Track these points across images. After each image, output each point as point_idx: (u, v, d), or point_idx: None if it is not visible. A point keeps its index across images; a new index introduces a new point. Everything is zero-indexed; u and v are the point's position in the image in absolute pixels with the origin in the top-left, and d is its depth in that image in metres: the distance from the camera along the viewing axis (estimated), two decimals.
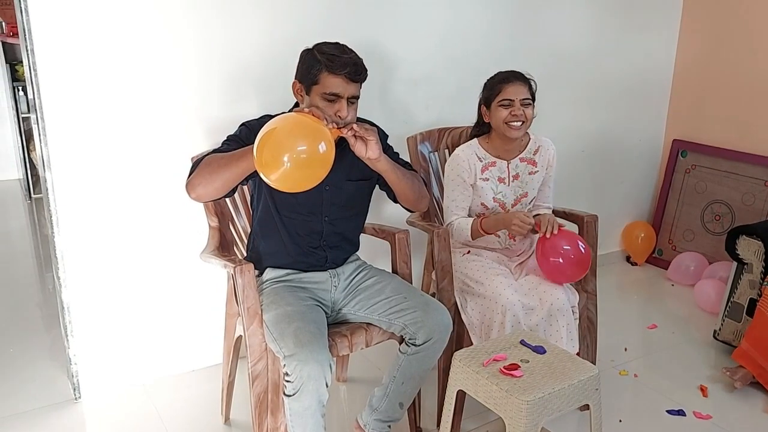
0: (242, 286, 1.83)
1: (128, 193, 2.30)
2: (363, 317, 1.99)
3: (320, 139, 1.60)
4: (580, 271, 2.12)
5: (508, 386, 1.65)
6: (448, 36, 2.82)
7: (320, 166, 1.61)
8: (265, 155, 1.57)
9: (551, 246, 2.09)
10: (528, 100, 2.18)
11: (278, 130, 1.59)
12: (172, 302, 2.47)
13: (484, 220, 2.20)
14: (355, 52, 1.87)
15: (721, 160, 3.46)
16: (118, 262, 2.33)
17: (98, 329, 2.35)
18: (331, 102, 1.81)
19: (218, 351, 2.52)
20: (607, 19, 3.27)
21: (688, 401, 2.40)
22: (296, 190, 1.66)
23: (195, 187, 1.78)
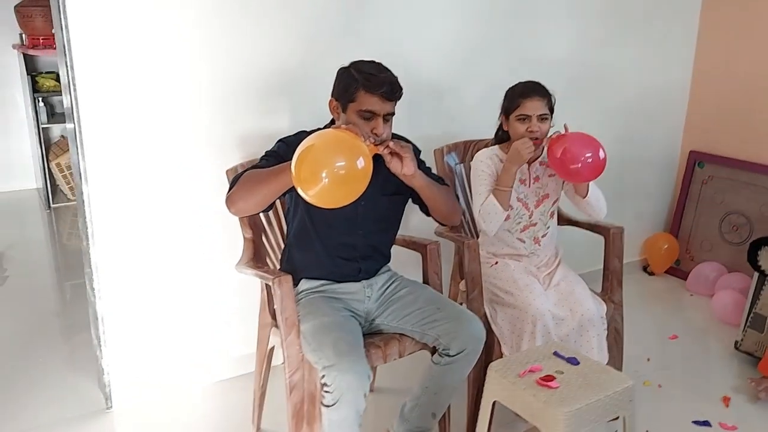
0: (280, 297, 1.86)
1: (161, 205, 2.33)
2: (396, 327, 2.02)
3: (358, 154, 1.62)
4: (596, 173, 2.17)
5: (545, 397, 1.67)
6: (469, 48, 2.86)
7: (358, 181, 1.63)
8: (304, 171, 1.59)
9: (572, 154, 2.13)
10: (545, 116, 2.21)
11: (317, 146, 1.62)
12: (204, 312, 2.50)
13: (497, 179, 2.23)
14: (390, 71, 1.90)
15: (739, 170, 3.48)
16: (151, 273, 2.37)
17: (130, 339, 2.38)
18: (367, 120, 1.85)
19: (249, 360, 2.56)
20: (626, 33, 3.31)
21: (713, 412, 2.42)
22: (334, 206, 1.68)
23: (235, 202, 1.83)
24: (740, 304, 3.10)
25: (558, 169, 2.18)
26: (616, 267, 2.36)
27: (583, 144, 2.15)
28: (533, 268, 2.31)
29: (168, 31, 2.21)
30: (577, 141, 2.15)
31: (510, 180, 2.18)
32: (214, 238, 2.44)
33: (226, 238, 2.35)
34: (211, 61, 2.31)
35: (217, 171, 2.29)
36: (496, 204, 2.18)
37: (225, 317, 2.55)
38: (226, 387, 2.57)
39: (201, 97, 2.32)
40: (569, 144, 2.13)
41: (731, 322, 3.11)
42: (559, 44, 3.11)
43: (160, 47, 2.21)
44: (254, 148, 2.39)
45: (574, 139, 2.16)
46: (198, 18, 2.25)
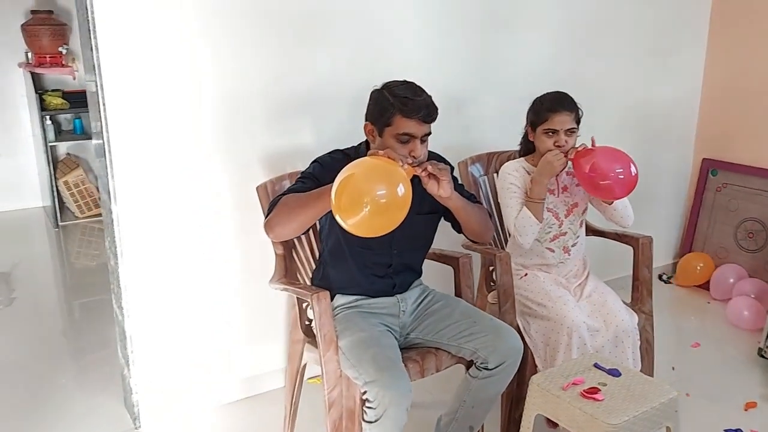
0: (319, 314, 1.85)
1: (187, 222, 2.32)
2: (431, 342, 2.01)
3: (398, 181, 1.62)
4: (628, 189, 2.14)
5: (592, 410, 1.67)
6: (483, 59, 2.87)
7: (399, 209, 1.63)
8: (344, 200, 1.59)
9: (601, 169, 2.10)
10: (573, 130, 2.22)
11: (357, 174, 1.62)
12: (231, 329, 2.49)
13: (528, 192, 2.22)
14: (425, 92, 1.90)
15: (753, 178, 3.50)
16: (177, 290, 2.35)
17: (158, 358, 2.36)
18: (404, 143, 1.84)
19: (277, 376, 2.55)
20: (637, 46, 3.33)
21: (743, 420, 2.41)
22: (374, 235, 1.67)
23: (273, 227, 1.83)
24: (755, 310, 3.11)
25: (587, 185, 2.17)
26: (646, 277, 2.36)
27: (613, 159, 2.12)
28: (563, 279, 2.30)
29: (196, 51, 2.20)
30: (607, 155, 2.12)
31: (543, 191, 2.18)
32: (241, 255, 2.43)
33: (254, 255, 2.35)
34: (236, 79, 2.30)
35: (242, 188, 2.30)
36: (531, 216, 2.18)
37: (252, 333, 2.53)
38: (255, 403, 2.55)
39: (225, 114, 2.31)
40: (598, 159, 2.10)
41: (747, 327, 3.12)
42: (572, 57, 3.12)
43: (184, 66, 2.20)
44: (280, 164, 2.39)
45: (602, 154, 2.13)
46: (225, 34, 2.25)
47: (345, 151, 1.99)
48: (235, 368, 2.54)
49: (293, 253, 2.17)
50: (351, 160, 1.91)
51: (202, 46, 2.22)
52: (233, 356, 2.52)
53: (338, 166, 1.85)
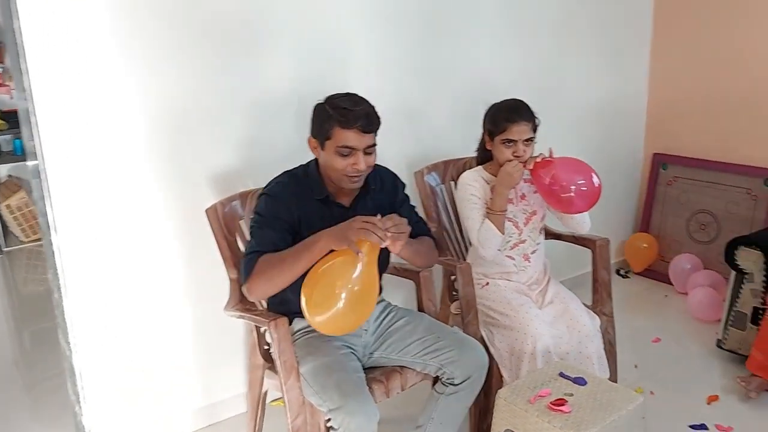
0: (278, 341, 1.79)
1: (136, 250, 2.22)
2: (396, 360, 1.96)
3: (371, 282, 1.72)
4: (591, 201, 2.14)
5: (560, 423, 1.65)
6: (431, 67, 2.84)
7: (368, 303, 1.73)
8: (314, 300, 1.65)
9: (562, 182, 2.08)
10: (531, 139, 2.20)
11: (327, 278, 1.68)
12: (187, 357, 2.39)
13: (489, 205, 2.20)
14: (366, 102, 1.85)
15: (702, 170, 3.57)
16: (128, 322, 2.25)
17: (111, 393, 2.25)
18: (345, 156, 1.80)
19: (239, 401, 2.47)
20: (581, 45, 3.35)
21: (707, 415, 2.44)
22: (341, 333, 1.77)
23: (255, 292, 1.81)
24: (714, 301, 3.16)
25: (549, 198, 2.15)
26: (605, 278, 2.36)
27: (574, 170, 2.10)
28: (524, 287, 2.29)
29: (129, 67, 2.10)
30: (567, 167, 2.10)
31: (504, 203, 2.17)
32: (194, 279, 2.34)
33: (207, 278, 2.27)
34: (176, 96, 2.21)
35: (192, 209, 2.21)
36: (493, 228, 2.15)
37: (211, 360, 2.44)
38: None
39: (167, 133, 2.21)
40: (558, 170, 2.07)
41: (707, 319, 3.17)
42: (517, 59, 3.11)
43: (120, 85, 2.09)
44: (230, 182, 2.31)
45: (563, 165, 2.10)
46: (159, 51, 2.15)
47: (293, 171, 1.93)
48: (195, 397, 2.45)
49: None
50: (300, 181, 1.87)
51: (139, 64, 2.12)
52: (191, 385, 2.43)
53: (288, 194, 1.82)
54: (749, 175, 3.36)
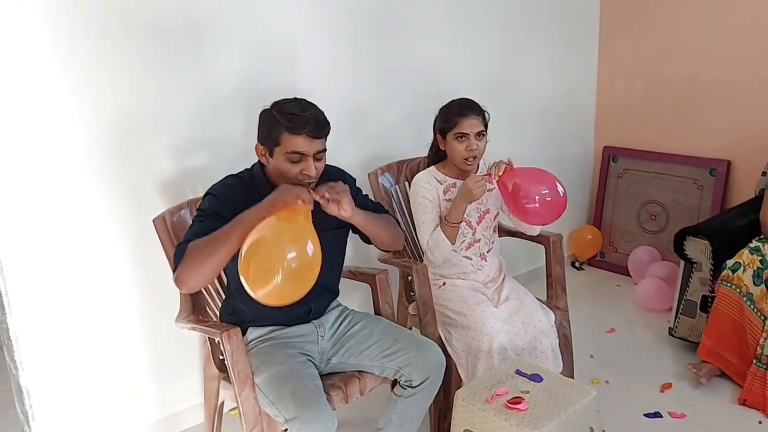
0: (231, 352, 1.75)
1: (83, 263, 2.15)
2: (354, 365, 1.95)
3: (306, 239, 1.59)
4: (557, 212, 2.11)
5: (517, 421, 1.66)
6: (382, 68, 2.82)
7: (311, 269, 1.60)
8: (253, 271, 1.54)
9: (525, 191, 2.07)
10: (482, 133, 2.22)
11: (264, 241, 1.56)
12: (139, 370, 2.33)
13: (446, 214, 2.21)
14: (314, 107, 1.83)
15: (650, 162, 3.65)
16: (77, 337, 2.17)
17: (61, 411, 2.17)
18: (295, 162, 1.77)
19: (197, 411, 2.42)
20: (530, 40, 3.38)
21: (661, 402, 2.50)
22: (288, 302, 1.62)
23: (185, 281, 1.72)
24: (662, 291, 3.24)
25: (515, 210, 2.15)
26: (559, 273, 2.39)
27: (539, 181, 2.10)
28: (480, 285, 2.30)
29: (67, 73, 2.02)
30: (531, 178, 2.10)
31: (459, 216, 2.18)
32: (145, 290, 2.28)
33: (159, 288, 2.20)
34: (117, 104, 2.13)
35: (141, 219, 2.14)
36: (444, 239, 2.17)
37: (165, 371, 2.39)
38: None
39: (109, 143, 2.14)
40: (522, 182, 2.07)
41: (655, 308, 3.25)
42: (468, 57, 3.12)
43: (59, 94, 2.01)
44: (175, 191, 2.26)
45: (527, 178, 2.10)
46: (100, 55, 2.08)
47: (238, 175, 1.90)
48: (150, 410, 2.39)
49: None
50: (246, 184, 1.84)
51: (74, 69, 2.03)
52: (146, 398, 2.37)
53: (233, 194, 1.77)
54: (696, 166, 3.45)
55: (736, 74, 3.22)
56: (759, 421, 2.35)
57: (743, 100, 3.22)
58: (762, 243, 2.50)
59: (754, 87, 3.17)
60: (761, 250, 2.47)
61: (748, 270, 2.44)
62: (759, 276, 2.43)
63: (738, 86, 3.23)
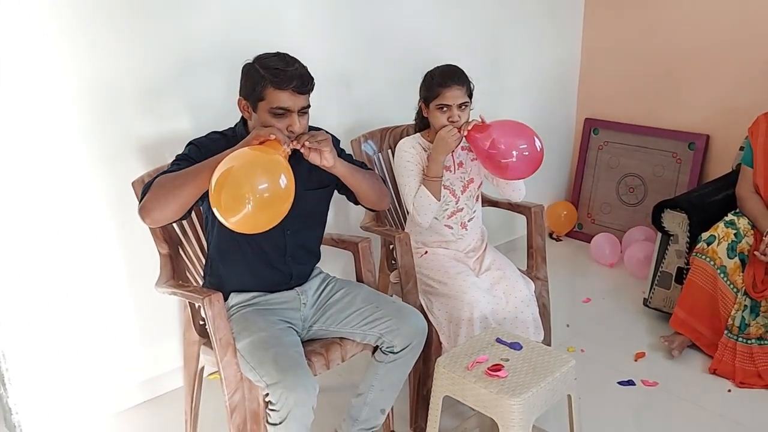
0: (212, 318, 1.74)
1: (64, 227, 2.12)
2: (335, 332, 1.96)
3: (280, 171, 1.54)
4: (534, 166, 2.07)
5: (497, 388, 1.68)
6: (370, 34, 2.78)
7: (283, 201, 1.55)
8: (224, 198, 1.49)
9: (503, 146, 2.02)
10: (465, 104, 2.20)
11: (235, 169, 1.50)
12: (122, 332, 2.33)
13: (425, 171, 2.19)
14: (299, 62, 1.80)
15: (631, 135, 3.67)
16: (57, 299, 2.15)
17: (39, 373, 2.16)
18: (280, 117, 1.75)
19: (178, 375, 2.41)
20: (516, 12, 3.35)
21: (634, 370, 2.56)
22: (259, 230, 1.58)
23: (150, 211, 1.67)
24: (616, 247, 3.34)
25: (489, 164, 2.11)
26: (539, 244, 2.41)
27: (515, 134, 2.05)
28: (462, 255, 2.31)
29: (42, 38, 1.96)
30: (507, 130, 2.06)
31: (439, 170, 2.16)
32: (127, 255, 2.26)
33: (141, 253, 2.18)
34: (99, 68, 2.08)
35: (121, 184, 2.10)
36: (429, 195, 2.15)
37: (148, 334, 2.39)
38: (156, 406, 2.42)
39: (90, 107, 2.09)
40: (498, 135, 2.02)
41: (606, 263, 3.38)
42: (454, 24, 3.09)
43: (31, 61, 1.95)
44: (157, 154, 2.22)
45: (502, 129, 2.06)
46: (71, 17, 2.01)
47: (222, 132, 1.87)
48: (131, 372, 2.39)
49: (180, 251, 2.03)
50: (229, 140, 1.81)
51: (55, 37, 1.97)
52: (127, 360, 2.36)
53: (216, 148, 1.74)
54: (675, 139, 3.48)
55: (717, 50, 3.24)
56: (728, 390, 2.42)
57: (723, 76, 3.25)
58: (737, 217, 2.54)
59: (733, 63, 3.19)
60: (736, 223, 2.51)
61: (722, 243, 2.49)
62: (733, 249, 2.47)
63: (718, 62, 3.25)
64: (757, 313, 2.45)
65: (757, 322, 2.44)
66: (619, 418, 2.30)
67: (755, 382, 2.41)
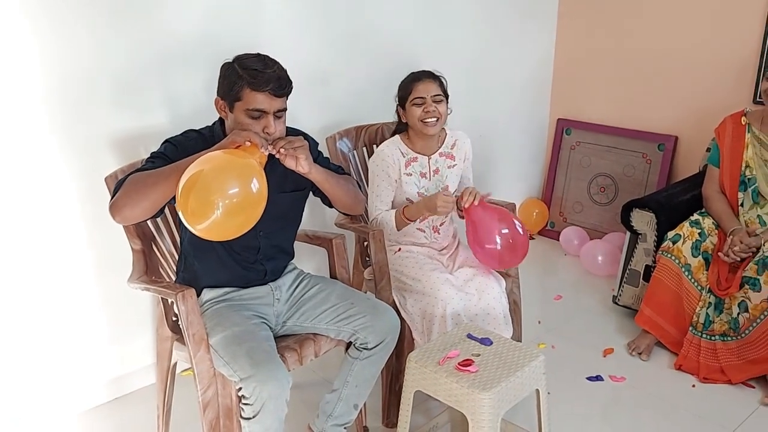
0: (185, 313, 1.74)
1: (34, 223, 2.10)
2: (309, 328, 1.97)
3: (251, 176, 1.53)
4: (519, 255, 2.17)
5: (467, 383, 1.71)
6: (353, 30, 2.80)
7: (254, 206, 1.54)
8: (192, 203, 1.46)
9: (485, 231, 2.11)
10: (439, 96, 2.23)
11: (204, 173, 1.48)
12: (90, 330, 2.31)
13: (406, 208, 2.23)
14: (278, 64, 1.80)
15: (602, 135, 3.74)
16: (26, 297, 2.13)
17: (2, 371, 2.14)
18: (256, 119, 1.75)
19: (149, 372, 2.41)
20: (497, 10, 3.40)
21: (603, 366, 2.61)
22: (228, 238, 1.57)
23: (120, 209, 1.66)
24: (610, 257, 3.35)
25: (480, 256, 2.18)
26: None
27: (498, 219, 2.11)
28: (435, 252, 2.34)
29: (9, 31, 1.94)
30: (492, 219, 2.11)
31: (416, 217, 2.21)
32: (98, 250, 2.24)
33: (113, 248, 2.16)
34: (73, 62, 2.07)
35: (94, 179, 2.09)
36: (392, 223, 2.22)
37: (117, 332, 2.37)
38: (125, 404, 2.42)
39: (62, 101, 2.08)
40: (483, 233, 2.10)
41: (599, 273, 3.39)
42: (430, 25, 3.11)
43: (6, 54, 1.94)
44: (132, 150, 2.21)
45: (488, 225, 2.10)
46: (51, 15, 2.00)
47: (199, 130, 1.87)
48: (99, 370, 2.37)
49: (153, 247, 2.02)
50: (206, 140, 1.81)
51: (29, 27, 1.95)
52: (95, 357, 2.35)
53: (192, 146, 1.74)
54: (645, 140, 3.55)
55: (685, 53, 3.32)
56: (693, 385, 2.48)
57: (691, 79, 3.32)
58: (702, 216, 2.61)
59: (701, 66, 3.27)
60: (701, 223, 2.58)
61: (687, 242, 2.55)
62: (697, 248, 2.54)
63: (686, 65, 3.32)
64: (720, 311, 2.51)
65: (721, 319, 2.51)
66: (587, 412, 2.35)
67: (718, 377, 2.47)
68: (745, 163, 2.58)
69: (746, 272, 2.42)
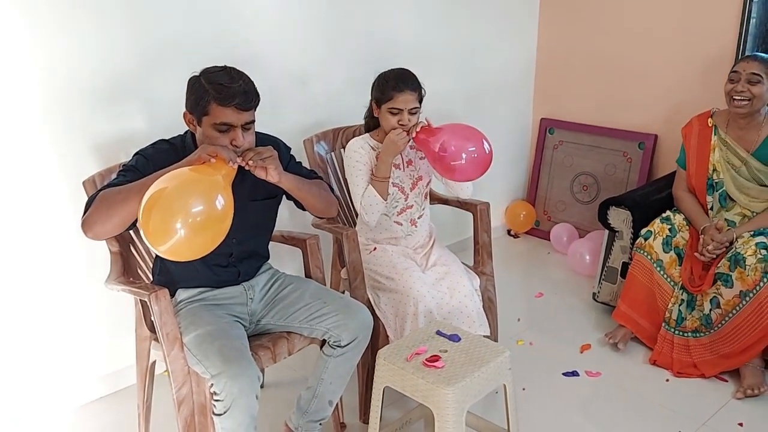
0: (159, 313, 1.79)
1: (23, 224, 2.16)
2: (283, 326, 2.02)
3: (216, 193, 1.53)
4: (482, 168, 2.17)
5: (433, 378, 1.76)
6: (330, 33, 2.84)
7: (220, 222, 1.55)
8: (153, 224, 1.45)
9: (434, 142, 2.11)
10: (416, 109, 2.27)
11: (167, 192, 1.48)
12: (82, 327, 2.37)
13: (374, 171, 2.26)
14: (245, 77, 1.83)
15: (585, 135, 3.78)
16: (10, 299, 2.18)
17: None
18: (224, 132, 1.78)
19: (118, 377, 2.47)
20: (473, 12, 3.43)
21: (579, 362, 2.66)
22: (194, 257, 1.57)
23: (92, 226, 1.69)
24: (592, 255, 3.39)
25: (439, 167, 2.19)
26: (485, 240, 2.49)
27: (464, 137, 2.13)
28: (410, 251, 2.38)
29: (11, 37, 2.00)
30: (456, 133, 2.14)
31: (387, 170, 2.23)
32: (87, 250, 2.27)
33: (87, 253, 2.21)
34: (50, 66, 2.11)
35: (72, 183, 2.14)
36: (376, 195, 2.22)
37: (110, 329, 2.42)
38: (116, 401, 2.46)
39: (41, 104, 2.12)
40: (448, 137, 2.11)
41: (585, 273, 3.42)
42: (411, 24, 3.16)
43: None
44: (112, 153, 2.25)
45: (452, 132, 2.13)
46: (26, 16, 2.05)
47: (170, 141, 1.91)
48: (92, 366, 2.43)
49: (132, 248, 2.07)
50: (177, 150, 1.85)
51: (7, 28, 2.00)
52: (88, 354, 2.40)
53: (162, 158, 1.78)
54: (626, 139, 3.59)
55: (664, 53, 3.35)
56: (666, 379, 2.53)
57: (670, 78, 3.36)
58: (673, 213, 2.65)
59: (679, 65, 3.31)
60: (671, 219, 2.62)
61: (658, 238, 2.59)
62: (668, 243, 2.58)
63: (665, 64, 3.36)
64: (693, 307, 2.56)
65: (693, 316, 2.55)
66: (563, 407, 2.39)
67: (691, 372, 2.52)
68: (712, 166, 2.62)
69: (718, 268, 2.46)
